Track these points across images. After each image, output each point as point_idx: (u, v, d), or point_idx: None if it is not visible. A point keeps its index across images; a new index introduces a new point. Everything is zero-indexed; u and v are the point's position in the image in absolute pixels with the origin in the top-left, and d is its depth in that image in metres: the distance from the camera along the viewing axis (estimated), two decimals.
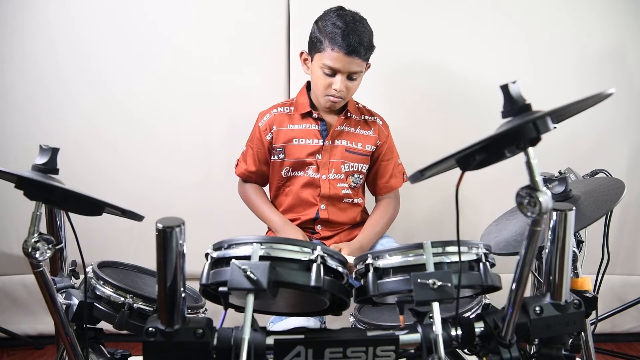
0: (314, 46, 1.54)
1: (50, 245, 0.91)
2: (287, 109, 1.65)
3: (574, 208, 0.91)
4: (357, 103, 1.70)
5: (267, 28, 1.95)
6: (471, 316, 1.06)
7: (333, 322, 1.45)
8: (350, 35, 1.46)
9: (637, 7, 1.97)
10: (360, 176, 1.65)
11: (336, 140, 1.61)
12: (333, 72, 1.51)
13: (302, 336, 0.88)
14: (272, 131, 1.63)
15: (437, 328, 0.83)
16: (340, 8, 1.56)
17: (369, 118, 1.68)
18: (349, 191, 1.63)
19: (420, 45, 1.98)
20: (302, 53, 1.61)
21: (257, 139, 1.65)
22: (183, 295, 0.86)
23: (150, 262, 0.94)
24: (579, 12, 1.97)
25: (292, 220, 1.64)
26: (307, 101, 1.63)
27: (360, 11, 1.57)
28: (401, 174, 1.71)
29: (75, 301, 1.08)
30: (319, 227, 1.63)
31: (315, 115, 1.61)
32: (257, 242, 0.88)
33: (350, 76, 1.52)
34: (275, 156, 1.63)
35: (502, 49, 1.97)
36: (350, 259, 0.99)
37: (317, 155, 1.60)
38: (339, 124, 1.61)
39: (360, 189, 1.70)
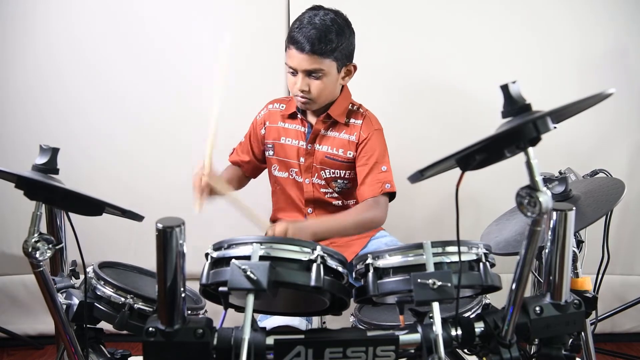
0: (285, 46, 1.51)
1: (50, 245, 0.91)
2: (281, 106, 1.64)
3: (574, 208, 0.91)
4: (354, 104, 1.59)
5: (267, 28, 1.96)
6: (471, 316, 1.06)
7: (333, 322, 1.45)
8: (302, 32, 1.41)
9: (637, 7, 1.97)
10: (346, 181, 1.58)
11: (317, 145, 1.56)
12: (294, 71, 1.46)
13: (302, 336, 0.88)
14: (265, 126, 1.63)
15: (437, 328, 0.83)
16: (315, 7, 1.49)
17: (354, 121, 1.55)
18: (335, 195, 1.60)
19: (420, 46, 1.98)
20: None
21: (252, 130, 1.67)
22: (183, 295, 0.86)
23: (150, 262, 0.94)
24: (580, 13, 1.97)
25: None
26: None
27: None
28: (378, 184, 1.49)
29: (75, 301, 1.08)
30: None
31: (299, 116, 1.58)
32: (257, 242, 0.88)
33: (311, 74, 1.44)
34: (267, 152, 1.64)
35: (503, 48, 1.97)
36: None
37: (301, 158, 1.58)
38: (320, 127, 1.55)
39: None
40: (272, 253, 0.87)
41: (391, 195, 1.52)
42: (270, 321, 1.31)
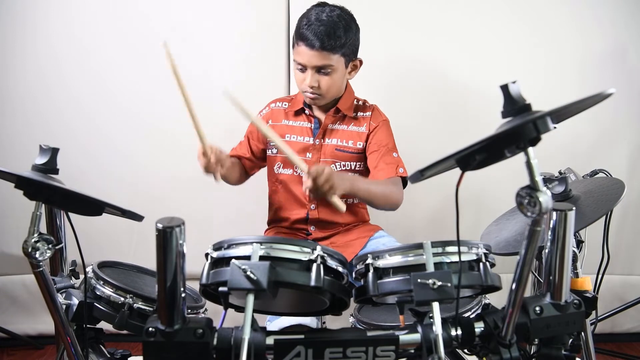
0: (292, 43, 1.53)
1: (50, 245, 0.91)
2: (285, 105, 1.65)
3: (574, 208, 0.91)
4: (358, 99, 1.63)
5: (267, 28, 1.96)
6: (471, 316, 1.06)
7: (333, 322, 1.45)
8: (311, 29, 1.43)
9: (637, 7, 1.97)
10: (355, 174, 1.60)
11: (326, 139, 1.58)
12: (303, 67, 1.48)
13: (302, 336, 0.88)
14: (268, 125, 1.63)
15: (437, 328, 0.83)
16: (320, 4, 1.51)
17: (362, 114, 1.60)
18: None
19: (421, 45, 1.98)
20: None
21: (252, 129, 1.67)
22: (183, 295, 0.86)
23: (150, 262, 0.94)
24: (580, 13, 1.97)
25: (283, 220, 1.63)
26: (303, 98, 1.62)
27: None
28: (392, 165, 1.52)
29: (75, 301, 1.08)
30: (312, 228, 1.61)
31: (307, 112, 1.60)
32: (257, 242, 0.88)
33: (320, 70, 1.47)
34: (269, 150, 1.64)
35: (503, 48, 1.97)
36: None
37: (307, 153, 1.59)
38: (329, 122, 1.58)
39: None
40: (272, 253, 0.88)
41: (403, 182, 1.53)
42: (280, 322, 1.31)
